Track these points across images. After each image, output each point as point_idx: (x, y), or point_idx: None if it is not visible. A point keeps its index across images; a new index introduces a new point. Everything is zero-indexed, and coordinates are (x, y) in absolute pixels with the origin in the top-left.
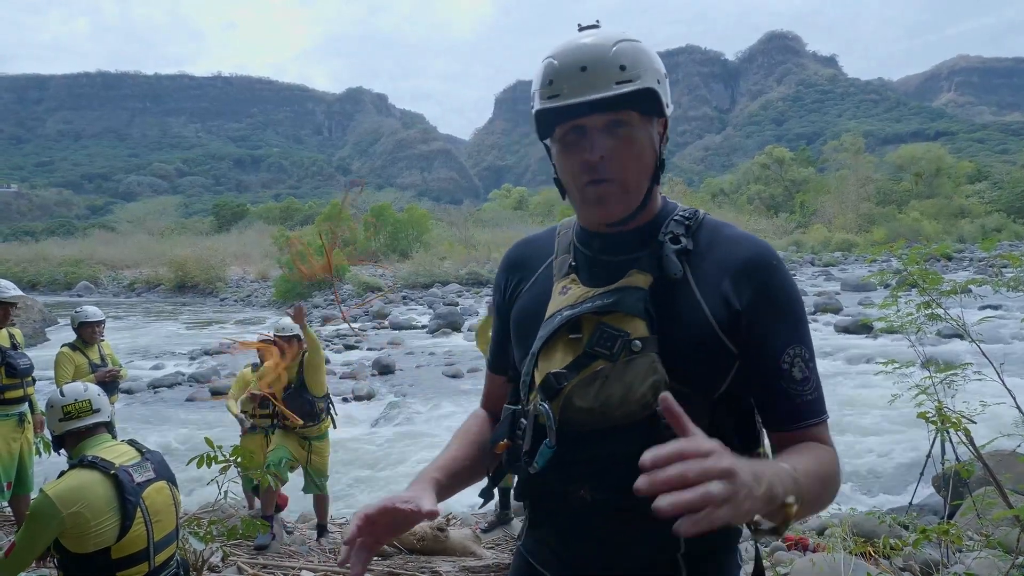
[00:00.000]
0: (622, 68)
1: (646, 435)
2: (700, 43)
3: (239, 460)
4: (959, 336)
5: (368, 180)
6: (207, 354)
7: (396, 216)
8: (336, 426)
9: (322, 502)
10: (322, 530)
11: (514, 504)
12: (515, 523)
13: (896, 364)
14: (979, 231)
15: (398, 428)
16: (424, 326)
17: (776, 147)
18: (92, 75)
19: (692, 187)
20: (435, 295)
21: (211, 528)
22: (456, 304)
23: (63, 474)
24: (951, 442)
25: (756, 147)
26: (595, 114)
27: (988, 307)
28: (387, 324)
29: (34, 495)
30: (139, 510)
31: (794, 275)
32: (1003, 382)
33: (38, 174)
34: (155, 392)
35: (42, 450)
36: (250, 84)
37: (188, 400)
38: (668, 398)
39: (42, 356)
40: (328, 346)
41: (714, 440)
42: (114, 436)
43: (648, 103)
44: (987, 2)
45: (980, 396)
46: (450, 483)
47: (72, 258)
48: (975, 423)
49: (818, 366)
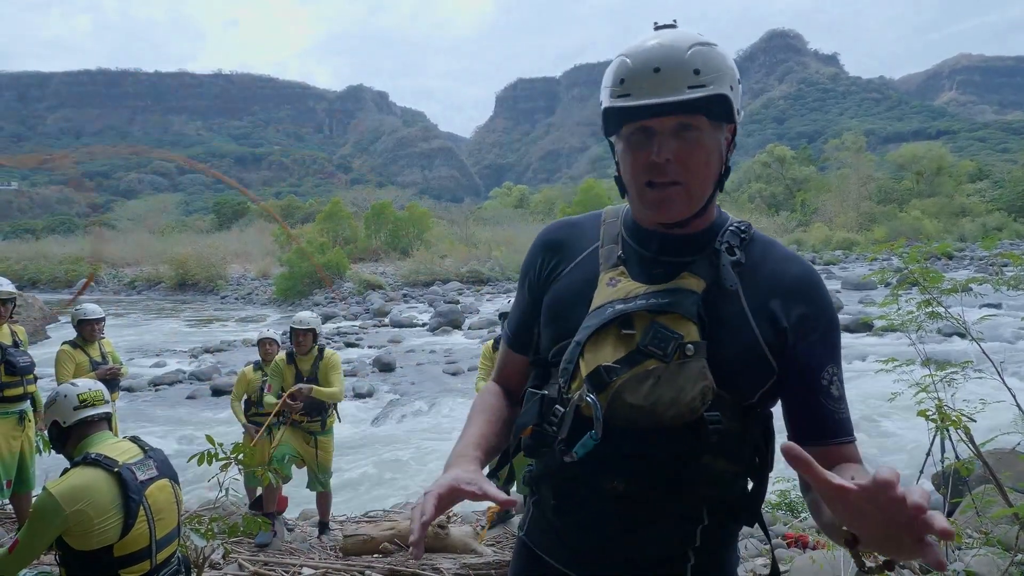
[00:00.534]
0: (696, 72)
1: (691, 438)
2: None
3: (240, 457)
4: (960, 334)
5: (369, 178)
6: (208, 352)
7: (397, 214)
8: (340, 419)
9: (325, 500)
10: (323, 527)
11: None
12: (515, 520)
13: (896, 362)
14: (980, 230)
15: (398, 426)
16: (424, 324)
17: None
18: (93, 73)
19: None
20: (436, 293)
21: (212, 526)
22: (457, 302)
23: (66, 472)
24: (951, 440)
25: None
26: (664, 116)
27: (989, 306)
28: (387, 322)
29: (36, 492)
30: (142, 508)
31: None
32: (1003, 380)
33: (39, 171)
34: (156, 390)
35: (42, 448)
36: (251, 82)
37: (189, 398)
38: (792, 447)
39: (42, 354)
40: (328, 343)
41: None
42: (114, 431)
43: (719, 109)
44: (989, 1)
45: (980, 394)
46: (487, 462)
47: (72, 256)
48: (975, 421)
49: None
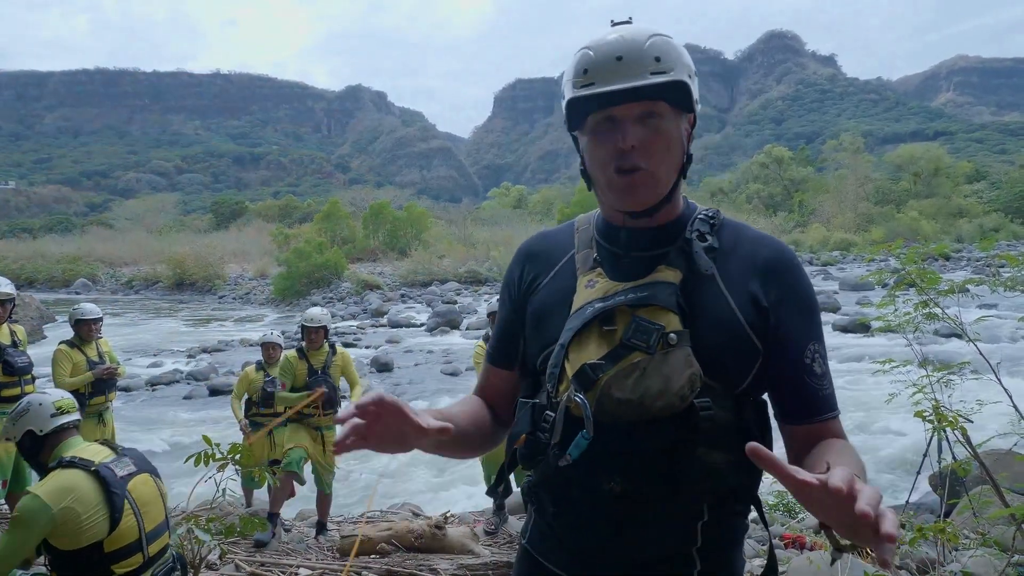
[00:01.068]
0: (657, 59)
1: (681, 428)
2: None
3: (237, 458)
4: (957, 335)
5: (367, 178)
6: (205, 352)
7: (395, 214)
8: None
9: (325, 500)
10: (321, 528)
11: (509, 503)
12: (512, 521)
13: (893, 363)
14: (977, 231)
15: None
16: (422, 324)
17: (775, 146)
18: (91, 72)
19: (691, 186)
20: (434, 293)
21: (209, 526)
22: (455, 302)
23: (43, 478)
24: (948, 441)
25: (755, 146)
26: (629, 103)
27: (986, 307)
28: (385, 322)
29: None
30: (127, 502)
31: None
32: (1000, 381)
33: (36, 171)
34: (153, 390)
35: None
36: (250, 81)
37: (186, 398)
38: (756, 448)
39: (40, 353)
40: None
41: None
42: (110, 431)
43: (680, 97)
44: (987, 2)
45: (977, 395)
46: (438, 430)
47: (70, 255)
48: (972, 422)
49: None
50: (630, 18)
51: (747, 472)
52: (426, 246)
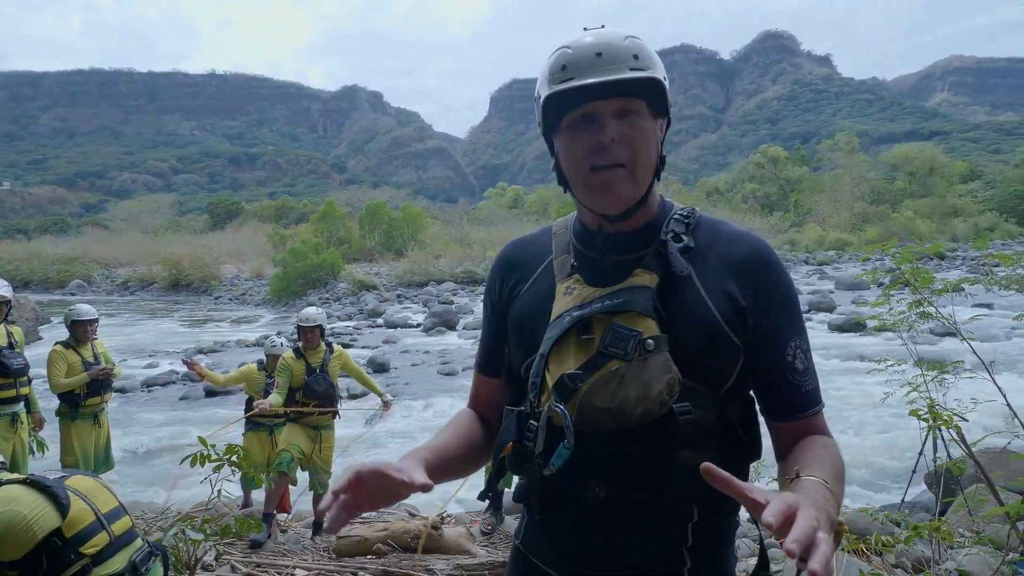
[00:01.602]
0: (635, 57)
1: (662, 433)
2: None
3: (233, 459)
4: (951, 334)
5: (363, 178)
6: (201, 352)
7: (391, 214)
8: (339, 415)
9: (321, 500)
10: (317, 528)
11: (505, 503)
12: (508, 521)
13: (888, 362)
14: (972, 230)
15: (392, 426)
16: (419, 324)
17: (771, 146)
18: (87, 72)
19: (687, 186)
20: (430, 293)
21: (205, 527)
22: (451, 303)
23: None
24: (943, 440)
25: (751, 146)
26: (608, 99)
27: (980, 306)
28: (382, 323)
29: None
30: (70, 493)
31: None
32: (994, 380)
33: (31, 171)
34: (148, 391)
35: (35, 449)
36: (245, 82)
37: (182, 399)
38: (710, 467)
39: (35, 355)
40: None
41: (767, 494)
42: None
43: (656, 96)
44: (982, 2)
45: (971, 394)
46: (439, 467)
47: (65, 256)
48: (967, 420)
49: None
50: (603, 25)
51: (735, 472)
52: (422, 246)
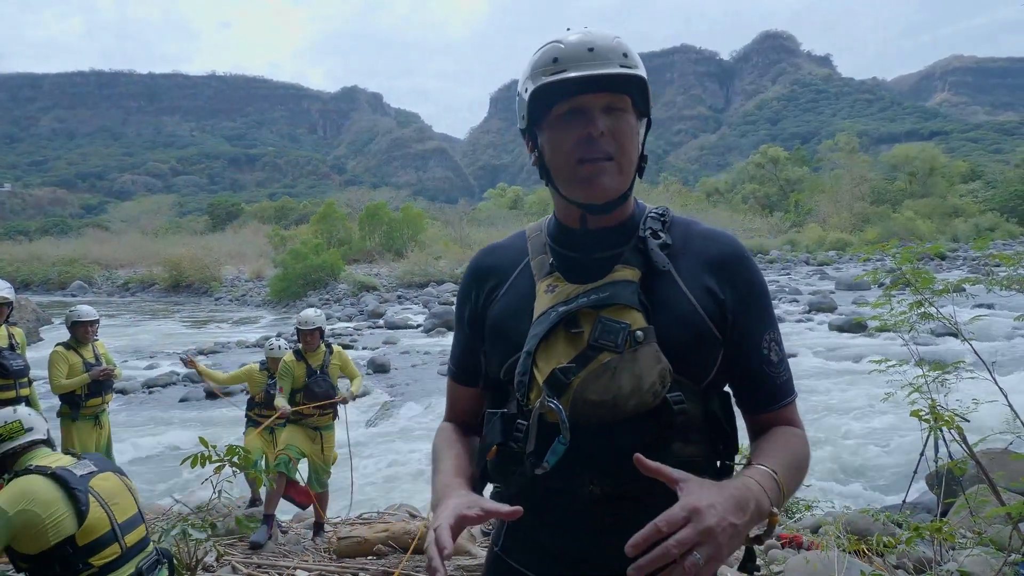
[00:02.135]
0: (624, 55)
1: (656, 424)
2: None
3: (234, 460)
4: (952, 335)
5: (363, 179)
6: (202, 353)
7: (391, 215)
8: (338, 415)
9: (322, 500)
10: (318, 528)
11: None
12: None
13: (889, 362)
14: (973, 230)
15: (393, 427)
16: (419, 325)
17: (771, 146)
18: (86, 74)
19: (687, 186)
20: (430, 294)
21: (205, 527)
22: (451, 303)
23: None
24: (944, 440)
25: (751, 146)
26: (597, 93)
27: (981, 306)
28: (382, 323)
29: None
30: (91, 497)
31: (788, 274)
32: (995, 380)
33: (32, 173)
34: (149, 392)
35: None
36: (245, 83)
37: (182, 400)
38: (641, 459)
39: (36, 356)
40: None
41: (690, 485)
42: (105, 431)
43: (641, 95)
44: (981, 2)
45: (973, 394)
46: (474, 488)
47: (66, 257)
48: (968, 421)
49: (812, 364)
50: (586, 27)
51: (723, 462)
52: (422, 247)
